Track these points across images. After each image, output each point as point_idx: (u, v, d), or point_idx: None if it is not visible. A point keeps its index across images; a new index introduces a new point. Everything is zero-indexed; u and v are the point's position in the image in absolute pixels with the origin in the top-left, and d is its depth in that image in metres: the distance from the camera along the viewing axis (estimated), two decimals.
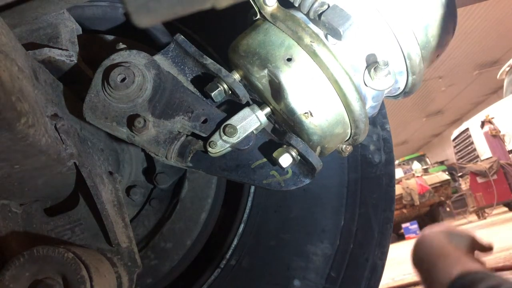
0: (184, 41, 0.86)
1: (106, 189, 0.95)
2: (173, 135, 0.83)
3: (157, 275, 1.19)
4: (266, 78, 0.79)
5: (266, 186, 0.85)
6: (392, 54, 0.80)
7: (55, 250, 0.79)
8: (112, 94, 0.81)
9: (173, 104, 0.84)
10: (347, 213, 1.21)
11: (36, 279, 0.77)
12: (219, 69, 0.82)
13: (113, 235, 0.91)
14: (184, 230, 1.21)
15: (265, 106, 0.83)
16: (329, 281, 1.20)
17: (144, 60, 0.83)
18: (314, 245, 1.20)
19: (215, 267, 1.23)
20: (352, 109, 0.77)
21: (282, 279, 1.21)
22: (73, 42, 1.00)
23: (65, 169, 0.87)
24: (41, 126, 0.75)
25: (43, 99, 0.84)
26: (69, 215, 0.94)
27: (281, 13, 0.77)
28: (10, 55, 0.70)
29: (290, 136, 0.79)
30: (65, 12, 1.01)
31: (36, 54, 0.92)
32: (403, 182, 10.78)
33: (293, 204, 1.22)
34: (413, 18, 0.80)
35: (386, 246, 1.22)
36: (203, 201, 1.23)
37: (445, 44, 0.89)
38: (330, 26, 0.73)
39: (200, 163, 0.85)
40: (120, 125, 0.82)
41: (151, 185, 1.23)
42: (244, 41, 0.80)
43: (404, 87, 0.88)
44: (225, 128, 0.80)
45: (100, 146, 1.08)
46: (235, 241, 1.23)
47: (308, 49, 0.75)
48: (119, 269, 0.92)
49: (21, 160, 0.75)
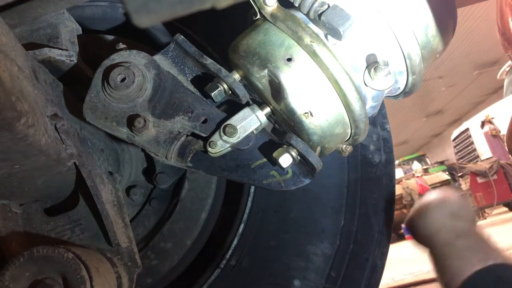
0: (184, 41, 0.86)
1: (106, 189, 0.95)
2: (173, 135, 0.83)
3: (157, 275, 1.19)
4: (266, 78, 0.79)
5: (266, 186, 0.85)
6: (392, 54, 0.80)
7: (55, 250, 0.79)
8: (112, 94, 0.81)
9: (173, 104, 0.84)
10: (347, 213, 1.21)
11: (36, 279, 0.77)
12: (219, 69, 0.82)
13: (113, 235, 0.91)
14: (184, 230, 1.21)
15: (265, 106, 0.83)
16: (329, 281, 1.20)
17: (144, 60, 0.83)
18: (314, 245, 1.20)
19: (215, 267, 1.23)
20: (352, 109, 0.77)
21: (282, 279, 1.21)
22: (73, 42, 1.00)
23: (65, 169, 0.87)
24: (41, 126, 0.75)
25: (43, 99, 0.84)
26: (69, 215, 0.94)
27: (281, 13, 0.77)
28: (10, 55, 0.70)
29: (290, 136, 0.79)
30: (65, 12, 1.01)
31: (36, 54, 0.92)
32: (403, 182, 10.78)
33: (293, 204, 1.22)
34: (413, 18, 0.80)
35: (386, 246, 1.22)
36: (203, 201, 1.23)
37: (445, 44, 0.88)
38: (330, 26, 0.73)
39: (200, 163, 0.85)
40: (120, 125, 0.82)
41: (151, 185, 1.23)
42: (244, 41, 0.80)
43: (404, 87, 0.88)
44: (225, 128, 0.80)
45: (100, 146, 1.08)
46: (235, 241, 1.23)
47: (308, 49, 0.75)
48: (119, 269, 0.92)
49: (21, 160, 0.75)
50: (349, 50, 0.78)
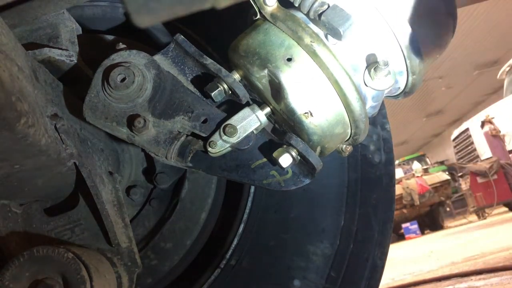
0: (184, 41, 0.86)
1: (106, 189, 0.95)
2: (173, 135, 0.83)
3: (157, 275, 1.19)
4: (266, 78, 0.79)
5: (266, 186, 0.85)
6: (392, 54, 0.80)
7: (55, 250, 0.79)
8: (112, 94, 0.81)
9: (173, 104, 0.84)
10: (347, 213, 1.21)
11: (36, 279, 0.77)
12: (219, 69, 0.82)
13: (113, 235, 0.91)
14: (184, 230, 1.21)
15: (265, 106, 0.83)
16: (329, 281, 1.20)
17: (144, 60, 0.83)
18: (314, 245, 1.20)
19: (215, 267, 1.23)
20: (352, 109, 0.77)
21: (282, 279, 1.21)
22: (73, 42, 1.00)
23: (65, 169, 0.87)
24: (41, 126, 0.75)
25: (43, 99, 0.84)
26: (69, 215, 0.94)
27: (281, 13, 0.77)
28: (10, 55, 0.70)
29: (290, 136, 0.79)
30: (65, 12, 1.01)
31: (36, 54, 0.92)
32: (403, 182, 10.79)
33: (293, 204, 1.22)
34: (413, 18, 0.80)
35: (386, 246, 1.22)
36: (203, 201, 1.23)
37: (445, 44, 0.89)
38: (330, 26, 0.73)
39: (200, 163, 0.85)
40: (120, 125, 0.82)
41: (151, 185, 1.23)
42: (244, 41, 0.80)
43: (404, 87, 0.88)
44: (225, 128, 0.80)
45: (100, 146, 1.08)
46: (235, 241, 1.23)
47: (308, 49, 0.75)
48: (119, 269, 0.92)
49: (21, 160, 0.75)
50: (349, 50, 0.78)
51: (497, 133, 7.80)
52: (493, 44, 11.29)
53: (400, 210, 10.56)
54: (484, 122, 8.01)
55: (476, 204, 8.64)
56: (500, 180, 7.89)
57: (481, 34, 10.52)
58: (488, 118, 7.96)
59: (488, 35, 10.59)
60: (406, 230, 10.69)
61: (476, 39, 10.69)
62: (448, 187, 11.04)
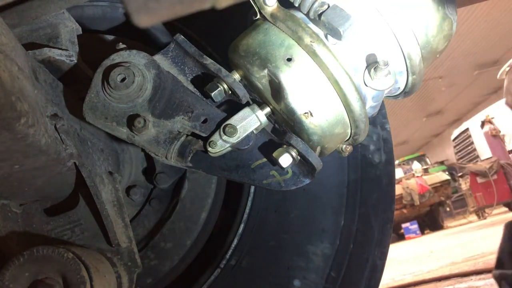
0: (184, 41, 0.86)
1: (106, 189, 0.95)
2: (173, 135, 0.83)
3: (157, 275, 1.19)
4: (266, 78, 0.79)
5: (266, 186, 0.85)
6: (392, 54, 0.80)
7: (55, 250, 0.79)
8: (112, 94, 0.81)
9: (173, 104, 0.84)
10: (347, 213, 1.21)
11: (36, 279, 0.77)
12: (219, 69, 0.82)
13: (113, 235, 0.91)
14: (184, 230, 1.21)
15: (265, 106, 0.83)
16: (329, 281, 1.20)
17: (144, 60, 0.83)
18: (314, 245, 1.20)
19: (215, 267, 1.23)
20: (352, 109, 0.77)
21: (282, 279, 1.21)
22: (73, 42, 1.00)
23: (65, 169, 0.87)
24: (41, 126, 0.75)
25: (43, 99, 0.84)
26: (69, 215, 0.94)
27: (281, 13, 0.77)
28: (10, 55, 0.70)
29: (290, 136, 0.79)
30: (65, 12, 1.01)
31: (36, 54, 0.92)
32: (403, 182, 10.79)
33: (293, 204, 1.22)
34: (413, 18, 0.80)
35: (386, 246, 1.22)
36: (203, 201, 1.23)
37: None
38: (330, 26, 0.73)
39: (200, 163, 0.85)
40: (120, 125, 0.82)
41: (151, 185, 1.23)
42: (244, 41, 0.80)
43: (404, 87, 0.88)
44: (225, 128, 0.80)
45: (100, 146, 1.08)
46: (235, 241, 1.23)
47: (308, 49, 0.75)
48: (119, 269, 0.92)
49: (21, 160, 0.75)
50: (349, 50, 0.78)
51: (497, 133, 7.80)
52: (493, 44, 11.29)
53: (400, 210, 10.56)
54: (484, 122, 8.01)
55: (476, 204, 8.65)
56: (500, 180, 7.89)
57: (481, 34, 10.51)
58: (488, 118, 7.96)
59: (488, 35, 10.58)
60: (406, 230, 10.70)
61: (476, 39, 10.69)
62: (448, 187, 11.05)
